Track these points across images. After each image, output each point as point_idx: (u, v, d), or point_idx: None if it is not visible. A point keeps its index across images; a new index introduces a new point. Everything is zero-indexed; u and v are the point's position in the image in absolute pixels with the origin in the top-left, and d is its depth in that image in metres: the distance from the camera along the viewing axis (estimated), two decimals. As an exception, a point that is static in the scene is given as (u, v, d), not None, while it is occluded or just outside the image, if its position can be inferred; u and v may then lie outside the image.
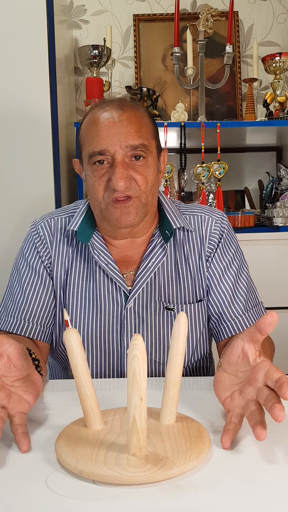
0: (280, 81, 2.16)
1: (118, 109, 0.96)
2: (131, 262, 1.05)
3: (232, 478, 0.57)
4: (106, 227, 1.02)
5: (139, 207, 0.97)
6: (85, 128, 0.99)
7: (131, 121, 0.95)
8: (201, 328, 1.05)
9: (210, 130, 1.97)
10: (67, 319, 0.70)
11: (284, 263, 1.89)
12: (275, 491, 0.54)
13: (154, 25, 2.40)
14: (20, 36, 1.75)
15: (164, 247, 1.03)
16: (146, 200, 0.97)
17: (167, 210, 1.06)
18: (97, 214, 1.01)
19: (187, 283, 1.04)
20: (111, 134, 0.94)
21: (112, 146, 0.93)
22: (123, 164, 0.94)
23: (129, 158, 0.95)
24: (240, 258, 1.08)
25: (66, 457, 0.59)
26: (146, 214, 0.99)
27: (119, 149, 0.94)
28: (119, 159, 0.94)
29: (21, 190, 1.79)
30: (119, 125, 0.94)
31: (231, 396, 0.69)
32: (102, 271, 1.03)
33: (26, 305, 1.02)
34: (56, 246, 1.05)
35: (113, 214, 0.96)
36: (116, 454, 0.59)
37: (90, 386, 0.66)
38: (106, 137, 0.94)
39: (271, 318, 0.64)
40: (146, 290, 1.03)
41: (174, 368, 0.67)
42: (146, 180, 0.96)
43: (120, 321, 1.02)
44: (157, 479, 0.55)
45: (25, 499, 0.54)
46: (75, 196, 2.12)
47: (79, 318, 1.03)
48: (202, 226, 1.06)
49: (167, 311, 1.03)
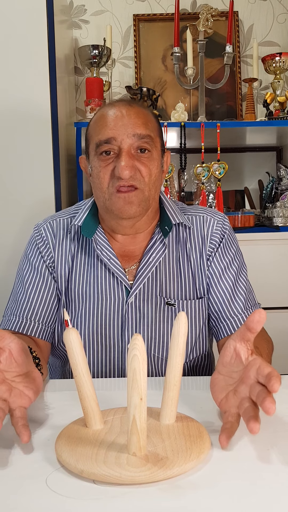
0: (280, 81, 2.16)
1: (126, 105, 1.00)
2: (133, 257, 1.07)
3: (232, 478, 0.57)
4: (109, 219, 1.04)
5: (142, 199, 0.99)
6: (93, 123, 1.03)
7: (138, 115, 0.99)
8: (201, 325, 1.07)
9: (210, 130, 1.97)
10: (67, 319, 0.71)
11: (284, 263, 1.89)
12: (275, 491, 0.54)
13: (154, 25, 2.40)
14: (20, 36, 1.75)
15: (164, 242, 1.05)
16: (149, 193, 1.00)
17: (166, 207, 1.08)
18: (100, 206, 1.03)
19: (188, 280, 1.06)
20: (119, 124, 0.97)
21: (119, 135, 0.96)
22: (129, 153, 0.97)
23: (135, 150, 0.98)
24: (240, 259, 1.10)
25: (66, 456, 0.59)
26: (148, 207, 1.01)
27: (126, 138, 0.96)
28: (125, 148, 0.97)
29: (21, 190, 1.79)
30: (126, 117, 0.98)
31: (226, 397, 0.69)
32: (104, 266, 1.05)
33: (28, 303, 1.03)
34: (58, 246, 1.07)
35: (116, 204, 0.98)
36: (116, 453, 0.59)
37: (90, 386, 0.66)
38: (114, 127, 0.97)
39: (259, 316, 0.65)
40: (147, 286, 1.04)
41: (174, 368, 0.67)
42: (150, 172, 0.99)
43: (121, 316, 1.03)
44: (157, 479, 0.55)
45: (25, 499, 0.54)
46: (75, 197, 2.11)
47: (81, 313, 1.04)
48: (204, 226, 1.08)
49: (167, 307, 1.05)
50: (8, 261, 1.77)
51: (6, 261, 1.78)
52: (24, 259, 1.09)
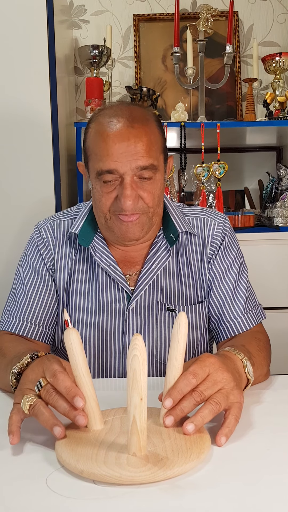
0: (280, 81, 2.16)
1: (128, 127, 0.94)
2: (134, 263, 1.06)
3: (232, 478, 0.57)
4: (109, 236, 1.03)
5: (145, 222, 0.98)
6: (92, 140, 0.98)
7: (141, 140, 0.93)
8: (202, 329, 1.06)
9: (210, 130, 1.97)
10: (67, 318, 0.71)
11: (284, 263, 1.89)
12: (275, 491, 0.54)
13: (154, 25, 2.39)
14: (20, 36, 1.75)
15: (169, 250, 1.04)
16: (152, 214, 0.99)
17: (172, 214, 1.06)
18: (101, 222, 1.02)
19: (189, 285, 1.05)
20: (121, 153, 0.93)
21: (122, 167, 0.93)
22: (132, 184, 0.94)
23: (138, 177, 0.95)
24: (241, 261, 1.09)
25: (67, 457, 0.59)
26: (151, 226, 1.01)
27: (129, 170, 0.93)
28: (128, 180, 0.94)
29: (21, 190, 1.79)
30: (128, 143, 0.93)
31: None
32: (104, 273, 1.04)
33: (28, 306, 1.03)
34: (58, 249, 1.06)
35: (118, 228, 0.97)
36: (116, 454, 0.59)
37: (90, 386, 0.66)
38: (116, 157, 0.93)
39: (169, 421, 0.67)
40: (148, 292, 1.03)
41: (174, 368, 0.67)
42: (153, 197, 0.97)
43: (122, 322, 1.03)
44: (157, 479, 0.55)
45: (25, 499, 0.54)
46: (75, 197, 2.11)
47: (81, 319, 1.04)
48: (204, 228, 1.07)
49: (168, 312, 1.04)
50: (7, 261, 1.77)
51: (5, 261, 1.78)
52: (24, 259, 1.09)
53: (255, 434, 0.68)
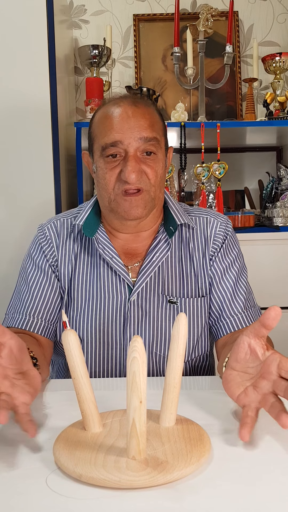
0: (280, 81, 2.16)
1: (131, 105, 0.99)
2: (136, 255, 1.07)
3: (233, 481, 0.56)
4: (112, 219, 1.05)
5: (148, 200, 1.00)
6: (98, 122, 1.02)
7: (144, 116, 0.98)
8: (203, 323, 1.07)
9: (210, 130, 1.97)
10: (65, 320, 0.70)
11: (284, 263, 1.89)
12: (276, 495, 0.53)
13: (154, 25, 2.39)
14: (20, 36, 1.74)
15: (169, 242, 1.06)
16: (154, 194, 1.01)
17: (171, 207, 1.09)
18: (105, 205, 1.04)
19: (190, 278, 1.07)
20: (125, 127, 0.97)
21: (126, 138, 0.96)
22: (136, 157, 0.97)
23: (141, 153, 0.98)
24: (241, 261, 1.11)
25: (65, 460, 0.59)
26: (153, 207, 1.03)
27: (133, 141, 0.97)
28: (131, 152, 0.97)
29: (21, 190, 1.78)
30: (132, 119, 0.97)
31: (245, 392, 0.69)
32: (106, 264, 1.05)
33: (32, 301, 1.04)
34: (61, 246, 1.08)
35: (122, 206, 0.99)
36: (115, 457, 0.59)
37: (88, 388, 0.66)
38: (120, 130, 0.97)
39: (275, 313, 0.65)
40: (150, 284, 1.05)
41: (174, 370, 0.66)
42: (156, 174, 1.00)
43: (124, 314, 1.04)
44: (156, 483, 0.55)
45: (25, 499, 0.53)
46: (75, 197, 2.11)
47: (83, 311, 1.05)
48: (207, 227, 1.09)
49: (169, 305, 1.05)
50: (9, 261, 1.77)
51: (8, 261, 1.77)
52: (28, 258, 1.10)
53: (256, 436, 0.67)
